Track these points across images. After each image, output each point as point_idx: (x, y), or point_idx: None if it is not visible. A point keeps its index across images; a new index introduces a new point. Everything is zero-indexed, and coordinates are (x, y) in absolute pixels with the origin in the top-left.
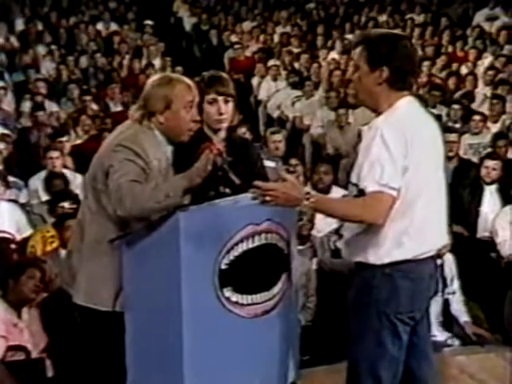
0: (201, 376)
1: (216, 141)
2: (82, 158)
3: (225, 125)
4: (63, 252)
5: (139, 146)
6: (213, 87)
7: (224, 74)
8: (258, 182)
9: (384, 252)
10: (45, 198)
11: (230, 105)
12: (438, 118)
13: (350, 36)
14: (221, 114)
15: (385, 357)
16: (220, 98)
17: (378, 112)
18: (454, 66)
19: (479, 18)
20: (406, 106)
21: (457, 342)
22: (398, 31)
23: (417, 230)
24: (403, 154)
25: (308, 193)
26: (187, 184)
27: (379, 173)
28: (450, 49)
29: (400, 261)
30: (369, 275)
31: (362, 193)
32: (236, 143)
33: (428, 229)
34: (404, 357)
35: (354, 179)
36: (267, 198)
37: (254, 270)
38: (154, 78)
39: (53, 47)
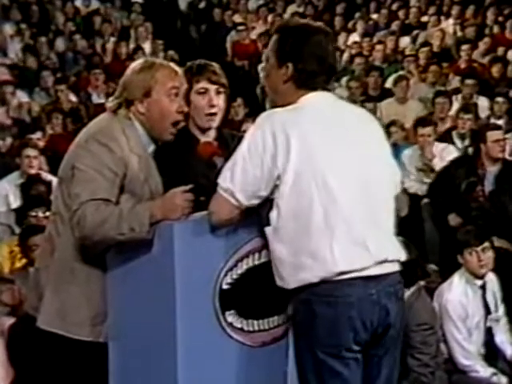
0: None
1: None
2: (56, 158)
3: (216, 122)
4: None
5: (114, 139)
6: (203, 74)
7: (216, 64)
8: None
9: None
10: (15, 204)
11: (223, 98)
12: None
13: (375, 16)
14: (212, 105)
15: None
16: (212, 88)
17: None
18: (500, 50)
19: None
20: (310, 101)
21: (503, 380)
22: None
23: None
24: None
25: None
26: (157, 218)
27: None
28: (496, 30)
29: (312, 283)
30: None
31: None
32: (228, 142)
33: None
34: None
35: None
36: None
37: (261, 291)
38: (136, 62)
39: (22, 26)
